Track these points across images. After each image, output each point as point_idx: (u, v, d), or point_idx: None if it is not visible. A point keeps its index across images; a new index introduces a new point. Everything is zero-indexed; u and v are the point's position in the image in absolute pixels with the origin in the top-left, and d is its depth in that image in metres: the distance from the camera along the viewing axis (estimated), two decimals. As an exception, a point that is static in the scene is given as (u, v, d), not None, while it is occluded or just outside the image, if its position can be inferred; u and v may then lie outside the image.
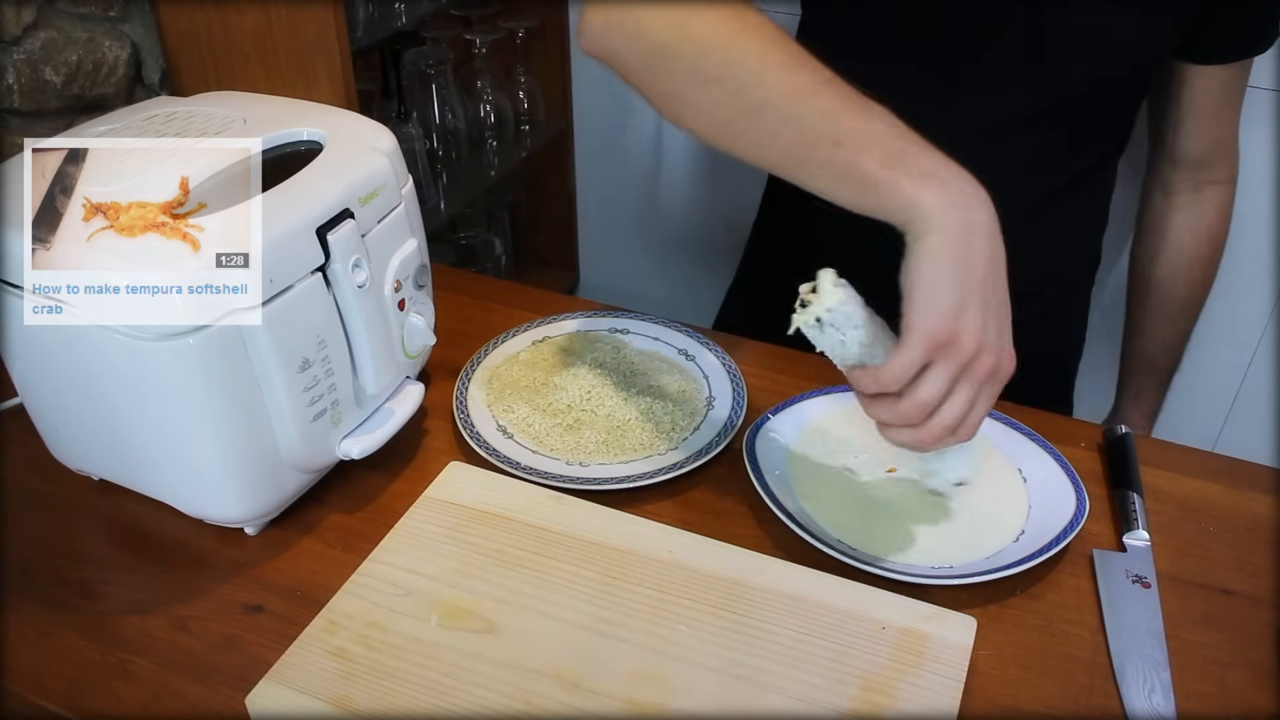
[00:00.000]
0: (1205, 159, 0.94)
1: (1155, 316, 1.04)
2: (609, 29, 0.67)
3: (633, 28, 0.66)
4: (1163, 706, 0.59)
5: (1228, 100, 0.90)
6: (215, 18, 1.20)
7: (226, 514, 0.68)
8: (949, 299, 0.56)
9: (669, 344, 0.88)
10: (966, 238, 0.56)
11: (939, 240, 0.56)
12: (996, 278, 0.58)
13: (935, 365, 0.57)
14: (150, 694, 0.60)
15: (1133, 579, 0.67)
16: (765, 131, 0.62)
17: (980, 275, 0.57)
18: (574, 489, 0.71)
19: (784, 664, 0.58)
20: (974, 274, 0.56)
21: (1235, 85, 0.89)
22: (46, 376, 0.66)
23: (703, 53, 0.63)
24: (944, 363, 0.57)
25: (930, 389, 0.57)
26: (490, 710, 0.56)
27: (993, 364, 0.58)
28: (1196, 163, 0.95)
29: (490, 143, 1.66)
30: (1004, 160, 0.86)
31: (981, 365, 0.57)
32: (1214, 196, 0.97)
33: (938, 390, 0.57)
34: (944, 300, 0.56)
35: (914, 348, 0.57)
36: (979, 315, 0.56)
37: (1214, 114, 0.91)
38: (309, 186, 0.64)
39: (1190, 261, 1.00)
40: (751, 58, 0.62)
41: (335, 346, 0.66)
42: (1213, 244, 1.00)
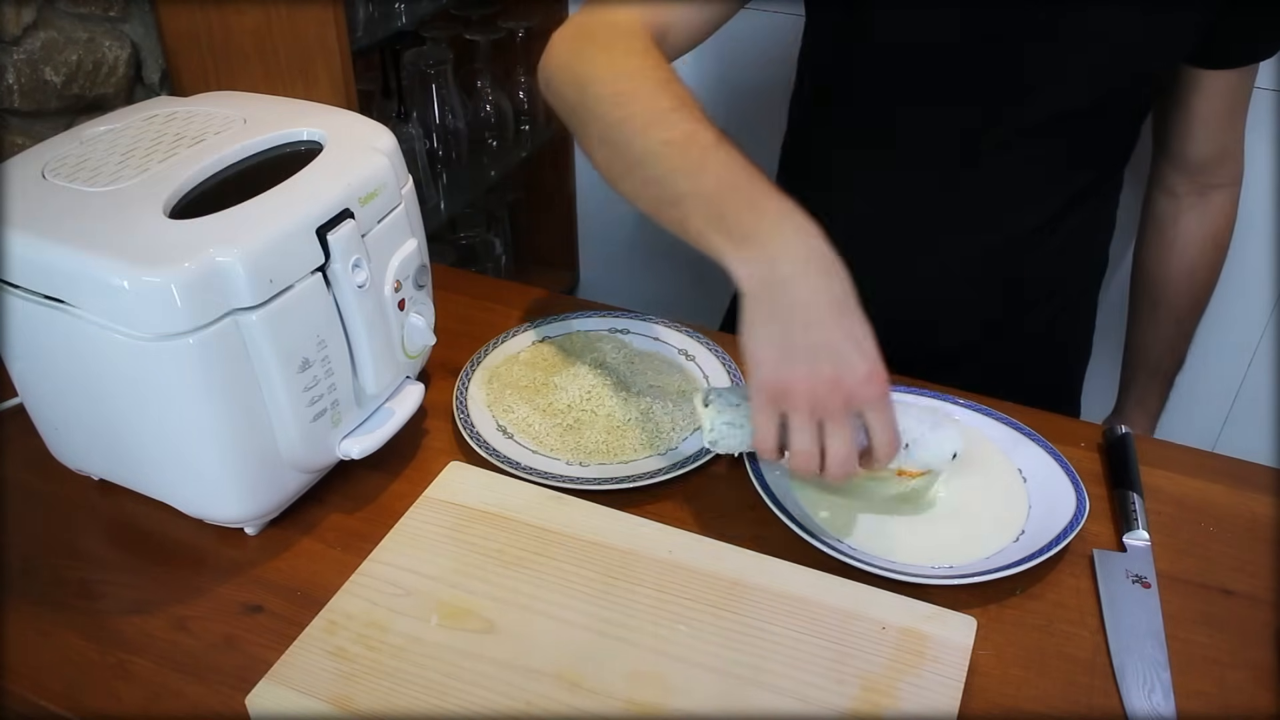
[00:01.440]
0: (1211, 163, 0.94)
1: (1159, 319, 1.04)
2: (545, 84, 0.77)
3: (554, 89, 0.76)
4: (1163, 706, 0.59)
5: (1235, 105, 0.90)
6: (215, 18, 1.20)
7: (226, 514, 0.68)
8: (767, 354, 0.60)
9: (669, 344, 0.88)
10: (772, 294, 0.59)
11: (748, 302, 0.60)
12: (819, 312, 0.59)
13: (789, 416, 0.60)
14: (150, 694, 0.60)
15: (1133, 579, 0.67)
16: (635, 189, 0.68)
17: (798, 319, 0.59)
18: (574, 489, 0.71)
19: (784, 664, 0.58)
20: (789, 325, 0.59)
21: (1243, 89, 0.89)
22: (46, 376, 0.66)
23: (594, 117, 0.70)
24: (794, 412, 0.60)
25: (798, 439, 0.60)
26: (490, 710, 0.56)
27: (843, 395, 0.59)
28: (1202, 167, 0.94)
29: (490, 143, 1.66)
30: (1015, 174, 0.86)
31: (830, 402, 0.59)
32: (1219, 200, 0.97)
33: (805, 437, 0.60)
34: (763, 355, 0.60)
35: (759, 409, 0.61)
36: (804, 360, 0.59)
37: (1221, 119, 0.90)
38: (309, 186, 0.64)
39: (1195, 265, 1.00)
40: (628, 120, 0.67)
41: (335, 346, 0.66)
42: (1218, 246, 0.99)
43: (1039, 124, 0.83)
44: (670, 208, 0.64)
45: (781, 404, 0.60)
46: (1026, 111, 0.82)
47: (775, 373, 0.60)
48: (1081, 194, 0.90)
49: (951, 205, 0.89)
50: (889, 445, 0.61)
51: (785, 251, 0.60)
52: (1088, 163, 0.88)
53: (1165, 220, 0.99)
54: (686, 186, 0.63)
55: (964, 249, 0.91)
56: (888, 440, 0.61)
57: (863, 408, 0.60)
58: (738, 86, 1.66)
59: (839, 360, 0.59)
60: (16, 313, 0.62)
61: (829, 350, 0.59)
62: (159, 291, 0.56)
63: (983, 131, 0.84)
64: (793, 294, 0.59)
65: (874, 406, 0.60)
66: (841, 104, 0.93)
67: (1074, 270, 0.98)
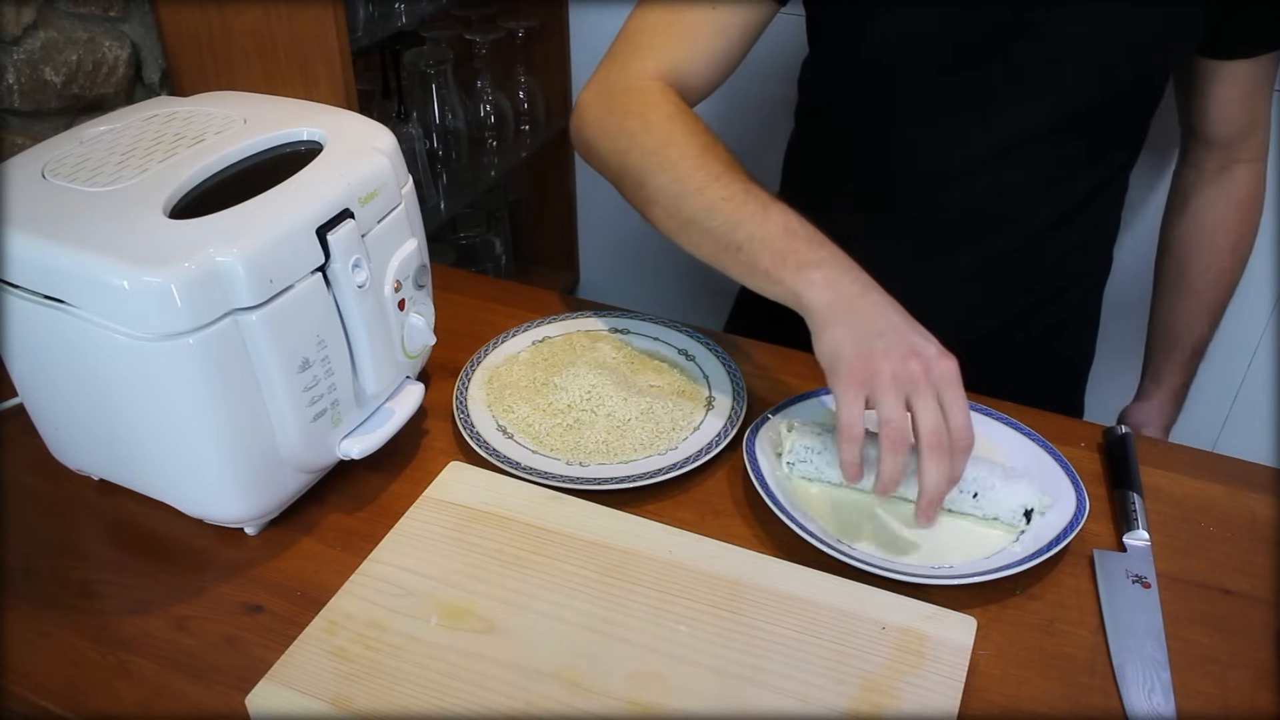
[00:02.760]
0: (1234, 140, 0.94)
1: (1180, 290, 1.02)
2: (584, 148, 0.86)
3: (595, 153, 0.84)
4: (1163, 706, 0.59)
5: (1256, 88, 0.89)
6: (215, 18, 1.20)
7: (226, 514, 0.68)
8: (847, 348, 0.65)
9: (669, 344, 0.88)
10: (848, 304, 0.67)
11: (820, 317, 0.67)
12: (887, 314, 0.67)
13: (876, 395, 0.64)
14: (150, 694, 0.60)
15: (1133, 579, 0.67)
16: (694, 240, 0.76)
17: (870, 319, 0.66)
18: (574, 489, 0.71)
19: (784, 664, 0.58)
20: (862, 323, 0.66)
21: (1263, 74, 0.87)
22: (46, 376, 0.66)
23: (642, 180, 0.78)
24: (880, 389, 0.64)
25: (886, 406, 0.64)
26: (490, 710, 0.56)
27: (921, 364, 0.64)
28: (1225, 144, 0.94)
29: (490, 143, 1.66)
30: (1023, 174, 0.86)
31: (911, 370, 0.63)
32: (1241, 172, 0.96)
33: (891, 403, 0.63)
34: (844, 350, 0.65)
35: (844, 394, 0.65)
36: (883, 342, 0.65)
37: (1242, 102, 0.89)
38: (309, 186, 0.64)
39: (1214, 229, 0.98)
40: (675, 184, 0.76)
41: (335, 346, 0.66)
42: (1241, 213, 0.98)
43: (1039, 129, 0.83)
44: (735, 253, 0.72)
45: (869, 384, 0.64)
46: (1026, 116, 0.83)
47: (858, 358, 0.65)
48: (1086, 198, 0.89)
49: (953, 211, 0.89)
50: (964, 426, 0.63)
51: (846, 276, 0.68)
52: (1092, 166, 0.87)
53: (1189, 191, 0.99)
54: (751, 233, 0.71)
55: (967, 254, 0.91)
56: (963, 420, 0.63)
57: (940, 385, 0.64)
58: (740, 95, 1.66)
59: (912, 341, 0.65)
60: (16, 313, 0.62)
61: (901, 335, 0.65)
62: (159, 291, 0.56)
63: (984, 137, 0.84)
64: (861, 304, 0.67)
65: (949, 385, 0.64)
66: (839, 115, 0.94)
67: (1078, 273, 0.98)
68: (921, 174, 0.89)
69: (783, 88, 1.02)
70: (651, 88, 0.82)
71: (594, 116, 0.84)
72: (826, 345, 0.67)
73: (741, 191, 0.73)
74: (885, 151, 0.90)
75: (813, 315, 0.68)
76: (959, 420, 0.63)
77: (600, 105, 0.83)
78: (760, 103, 1.67)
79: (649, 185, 0.78)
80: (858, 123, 0.91)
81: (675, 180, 0.76)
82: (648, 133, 0.78)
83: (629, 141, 0.79)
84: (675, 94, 0.82)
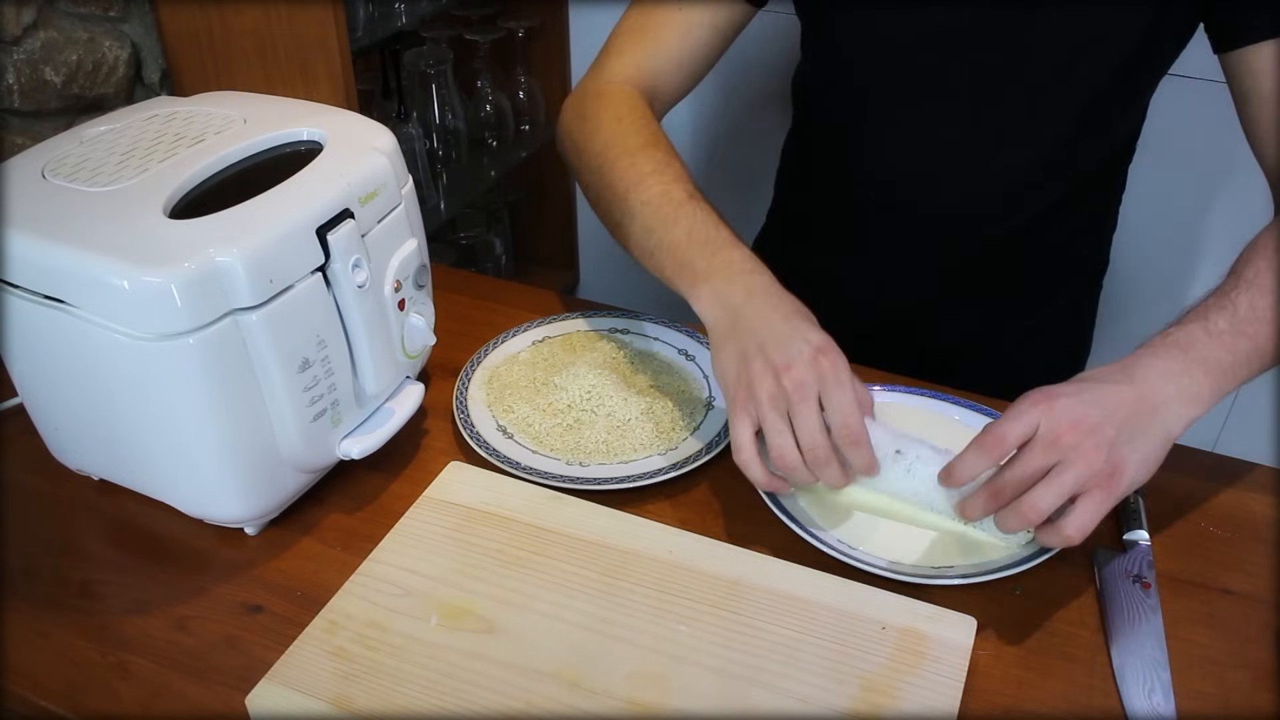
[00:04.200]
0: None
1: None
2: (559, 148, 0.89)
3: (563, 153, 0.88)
4: (1163, 706, 0.59)
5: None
6: (215, 18, 1.20)
7: (226, 514, 0.68)
8: (730, 367, 0.67)
9: (669, 344, 0.88)
10: (732, 318, 0.68)
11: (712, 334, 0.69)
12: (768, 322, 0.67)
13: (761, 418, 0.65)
14: (150, 694, 0.60)
15: (1133, 579, 0.67)
16: (625, 243, 0.78)
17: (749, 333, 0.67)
18: (574, 489, 0.71)
19: (784, 664, 0.58)
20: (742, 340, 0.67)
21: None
22: (46, 376, 0.66)
23: (588, 184, 0.82)
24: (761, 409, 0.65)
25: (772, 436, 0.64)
26: (490, 710, 0.56)
27: (793, 378, 0.64)
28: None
29: (490, 143, 1.66)
30: (1009, 170, 0.86)
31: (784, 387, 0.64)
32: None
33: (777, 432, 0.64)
34: (729, 376, 0.67)
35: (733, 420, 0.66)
36: (759, 361, 0.65)
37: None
38: (309, 186, 0.64)
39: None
40: (608, 189, 0.79)
41: (335, 346, 0.66)
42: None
43: (1020, 126, 0.83)
44: (649, 258, 0.75)
45: (752, 409, 0.65)
46: (1006, 113, 0.83)
47: (738, 384, 0.66)
48: (1076, 193, 0.89)
49: (939, 210, 0.89)
50: (845, 424, 0.64)
51: (734, 284, 0.69)
52: (1077, 162, 0.87)
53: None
54: (660, 239, 0.74)
55: (957, 252, 0.91)
56: (842, 420, 0.64)
57: (822, 387, 0.64)
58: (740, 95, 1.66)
59: (787, 349, 0.65)
60: (16, 313, 0.62)
61: (778, 344, 0.65)
62: (159, 291, 0.56)
63: (966, 134, 0.84)
64: (745, 315, 0.68)
65: (827, 384, 0.64)
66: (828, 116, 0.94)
67: (1074, 270, 0.98)
68: (908, 173, 0.89)
69: (782, 87, 1.02)
70: (614, 91, 0.85)
71: (566, 119, 0.87)
72: (716, 364, 0.69)
73: (660, 195, 0.75)
74: (874, 151, 0.90)
75: (708, 333, 0.70)
76: (838, 420, 0.64)
77: (573, 109, 0.87)
78: (760, 102, 1.67)
79: (592, 188, 0.81)
80: (844, 123, 0.92)
81: (608, 185, 0.79)
82: (597, 135, 0.81)
83: (583, 144, 0.83)
84: (637, 96, 0.85)
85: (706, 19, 0.86)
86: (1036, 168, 0.86)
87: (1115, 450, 0.60)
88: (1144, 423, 0.62)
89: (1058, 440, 0.60)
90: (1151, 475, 0.63)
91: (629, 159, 0.78)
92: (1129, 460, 0.61)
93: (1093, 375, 0.64)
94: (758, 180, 1.13)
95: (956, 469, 0.64)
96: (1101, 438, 0.60)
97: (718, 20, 0.87)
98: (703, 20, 0.86)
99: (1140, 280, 1.52)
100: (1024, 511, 0.60)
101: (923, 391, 0.81)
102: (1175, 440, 0.64)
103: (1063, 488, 0.60)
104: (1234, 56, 0.77)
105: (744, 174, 1.71)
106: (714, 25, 0.87)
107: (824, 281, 0.99)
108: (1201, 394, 0.64)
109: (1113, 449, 0.60)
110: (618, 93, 0.85)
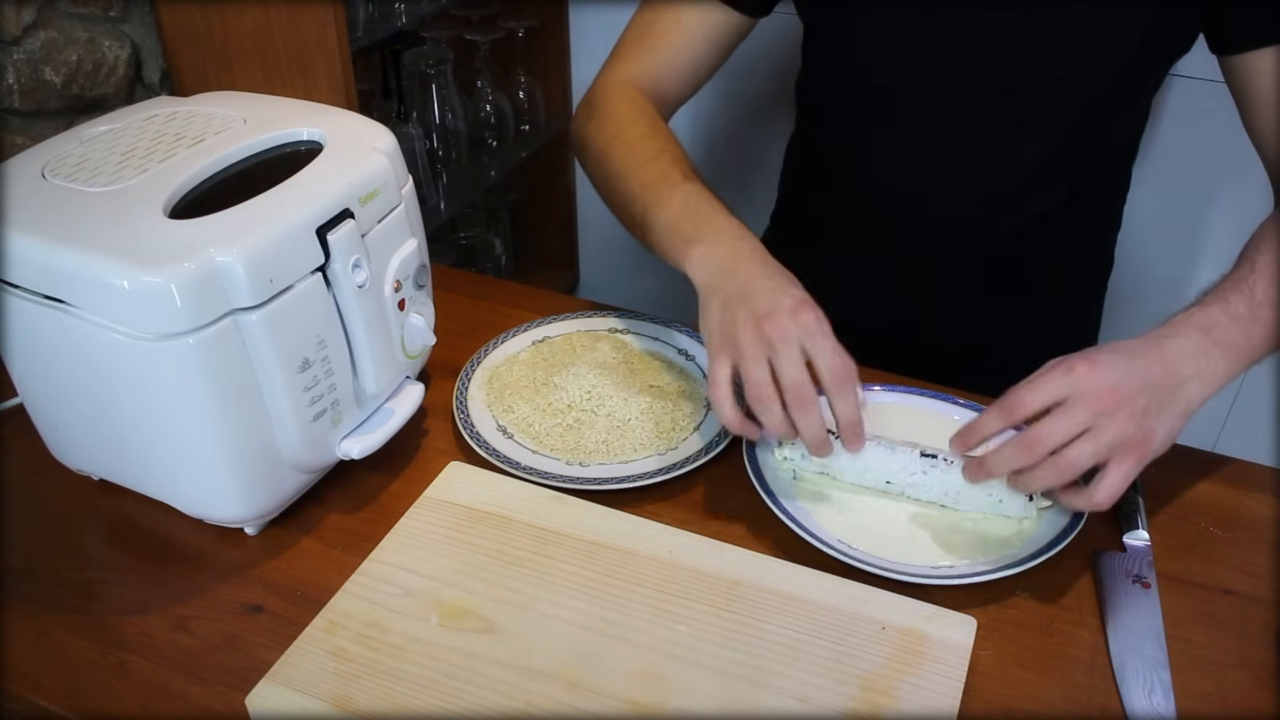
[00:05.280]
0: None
1: None
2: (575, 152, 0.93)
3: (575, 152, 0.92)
4: (1163, 706, 0.59)
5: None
6: (215, 18, 1.20)
7: (226, 514, 0.68)
8: (715, 320, 0.69)
9: (669, 344, 0.88)
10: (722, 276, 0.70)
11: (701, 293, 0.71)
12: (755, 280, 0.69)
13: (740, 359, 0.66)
14: (150, 694, 0.60)
15: (1133, 579, 0.67)
16: (627, 225, 0.82)
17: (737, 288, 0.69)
18: (574, 489, 0.71)
19: (784, 664, 0.58)
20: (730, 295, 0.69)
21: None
22: (46, 376, 0.66)
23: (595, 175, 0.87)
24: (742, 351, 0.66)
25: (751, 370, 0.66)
26: (490, 710, 0.56)
27: (776, 325, 0.66)
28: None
29: (490, 143, 1.66)
30: (1013, 171, 0.86)
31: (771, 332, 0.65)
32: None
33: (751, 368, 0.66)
34: (712, 323, 0.69)
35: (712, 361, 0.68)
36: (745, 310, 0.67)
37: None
38: (309, 186, 0.64)
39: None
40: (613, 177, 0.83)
41: (335, 346, 0.66)
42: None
43: (1023, 127, 0.83)
44: (649, 235, 0.78)
45: (731, 350, 0.67)
46: (1010, 114, 0.83)
47: (721, 332, 0.68)
48: (1081, 193, 0.89)
49: (943, 211, 0.89)
50: (833, 366, 0.65)
51: (722, 246, 0.72)
52: (1085, 162, 0.87)
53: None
54: (657, 215, 0.76)
55: (961, 254, 0.91)
56: (830, 362, 0.65)
57: (803, 336, 0.65)
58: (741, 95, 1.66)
59: (770, 300, 0.67)
60: (16, 313, 0.62)
61: (762, 296, 0.68)
62: (159, 291, 0.56)
63: (978, 129, 0.84)
64: (734, 274, 0.70)
65: (811, 334, 0.66)
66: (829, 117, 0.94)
67: (1078, 270, 0.98)
68: (914, 174, 0.89)
69: (783, 89, 1.03)
70: (620, 90, 0.88)
71: (578, 122, 0.91)
72: (703, 321, 0.71)
73: (659, 176, 0.78)
74: (881, 152, 0.90)
75: (698, 292, 0.72)
76: (826, 362, 0.65)
77: (584, 109, 0.91)
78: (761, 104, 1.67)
79: (598, 177, 0.86)
80: (850, 125, 0.92)
81: (613, 172, 0.82)
82: (601, 132, 0.86)
83: (593, 142, 0.86)
84: (642, 96, 0.87)
85: (707, 28, 0.89)
86: (1040, 168, 0.86)
87: (1148, 419, 0.63)
88: (1170, 397, 0.64)
89: (1098, 402, 0.62)
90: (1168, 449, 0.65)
91: (631, 146, 0.82)
92: (1157, 430, 0.63)
93: (1121, 346, 0.66)
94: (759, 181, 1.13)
95: (972, 428, 0.66)
96: (1136, 406, 0.62)
97: (718, 30, 0.89)
98: (704, 30, 0.88)
99: (1145, 280, 1.52)
100: (1061, 467, 0.62)
101: (924, 392, 0.81)
102: (1191, 416, 0.66)
103: (1100, 447, 0.62)
104: (1235, 60, 0.78)
105: (745, 175, 1.71)
106: (714, 34, 0.89)
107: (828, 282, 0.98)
108: (1218, 374, 0.66)
109: (1145, 417, 0.63)
110: (623, 92, 0.88)
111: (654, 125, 0.84)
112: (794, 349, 0.65)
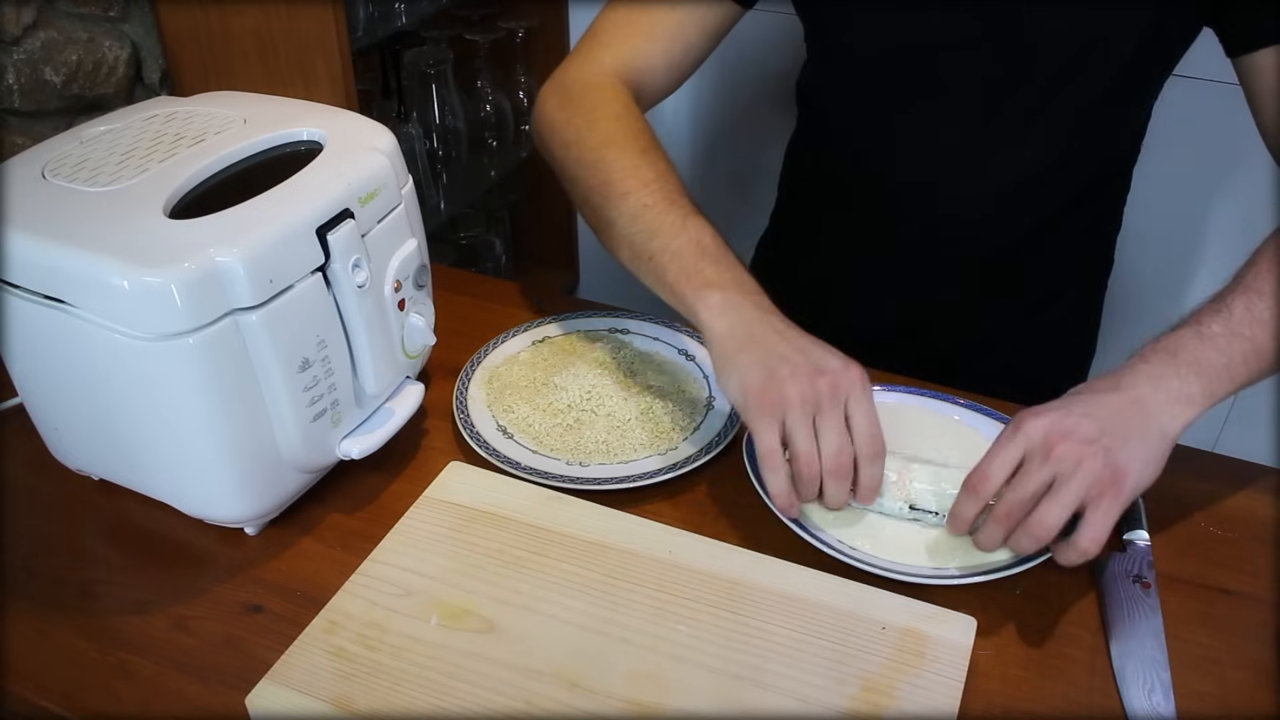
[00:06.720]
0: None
1: None
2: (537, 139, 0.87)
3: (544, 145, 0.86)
4: (1163, 706, 0.59)
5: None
6: (215, 18, 1.20)
7: (226, 514, 0.68)
8: (753, 374, 0.65)
9: (669, 344, 0.88)
10: (748, 330, 0.68)
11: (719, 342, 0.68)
12: (788, 337, 0.67)
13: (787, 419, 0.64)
14: (150, 694, 0.60)
15: (1133, 579, 0.67)
16: (614, 243, 0.77)
17: (771, 344, 0.67)
18: (574, 489, 0.71)
19: (784, 664, 0.58)
20: (764, 348, 0.66)
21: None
22: (46, 376, 0.66)
23: (577, 176, 0.80)
24: (790, 412, 0.64)
25: (799, 439, 0.64)
26: (490, 710, 0.56)
27: (828, 384, 0.64)
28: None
29: (490, 143, 1.66)
30: (1014, 172, 0.86)
31: (818, 388, 0.64)
32: None
33: (801, 435, 0.64)
34: (750, 377, 0.66)
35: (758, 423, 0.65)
36: (788, 366, 0.65)
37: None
38: (309, 186, 0.64)
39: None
40: (604, 186, 0.77)
41: (335, 346, 0.66)
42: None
43: (1025, 126, 0.83)
44: (648, 262, 0.73)
45: (779, 410, 0.64)
46: (1012, 113, 0.83)
47: (765, 385, 0.65)
48: (1083, 195, 0.89)
49: (946, 210, 0.89)
50: (869, 435, 0.65)
51: (746, 300, 0.69)
52: (1087, 163, 0.87)
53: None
54: (665, 244, 0.72)
55: (962, 254, 0.91)
56: (870, 429, 0.65)
57: (847, 398, 0.64)
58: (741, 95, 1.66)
59: (816, 359, 0.66)
60: (16, 313, 0.62)
61: (804, 354, 0.66)
62: (159, 291, 0.56)
63: (981, 130, 0.84)
64: (760, 330, 0.68)
65: (856, 396, 0.65)
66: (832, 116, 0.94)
67: (1079, 270, 0.98)
68: (916, 175, 0.89)
69: (783, 88, 1.02)
70: (605, 85, 0.83)
71: (549, 109, 0.85)
72: (729, 372, 0.67)
73: (665, 201, 0.74)
74: (884, 153, 0.90)
75: (712, 345, 0.69)
76: (866, 427, 0.65)
77: (556, 98, 0.85)
78: (760, 103, 1.67)
79: (583, 183, 0.80)
80: (854, 125, 0.92)
81: (605, 182, 0.77)
82: (591, 130, 0.80)
83: (574, 136, 0.81)
84: (628, 93, 0.84)
85: (697, 18, 0.86)
86: (1042, 168, 0.86)
87: (1112, 454, 0.61)
88: (1135, 425, 0.62)
89: (1051, 452, 0.61)
90: (1156, 476, 0.63)
91: (631, 161, 0.77)
92: (1129, 463, 0.61)
93: (1080, 389, 0.65)
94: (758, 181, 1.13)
95: (955, 518, 0.66)
96: (1096, 445, 0.61)
97: (708, 20, 0.86)
98: (694, 19, 0.86)
99: (1146, 280, 1.52)
100: (1033, 530, 0.61)
101: (924, 391, 0.81)
102: (1175, 440, 0.64)
103: (1066, 498, 0.60)
104: (1242, 61, 0.78)
105: (745, 175, 1.72)
106: (704, 25, 0.87)
107: (829, 282, 0.99)
108: (1193, 395, 0.64)
109: (1110, 454, 0.61)
110: (610, 88, 0.83)
111: (653, 141, 0.80)
112: (840, 411, 0.64)
